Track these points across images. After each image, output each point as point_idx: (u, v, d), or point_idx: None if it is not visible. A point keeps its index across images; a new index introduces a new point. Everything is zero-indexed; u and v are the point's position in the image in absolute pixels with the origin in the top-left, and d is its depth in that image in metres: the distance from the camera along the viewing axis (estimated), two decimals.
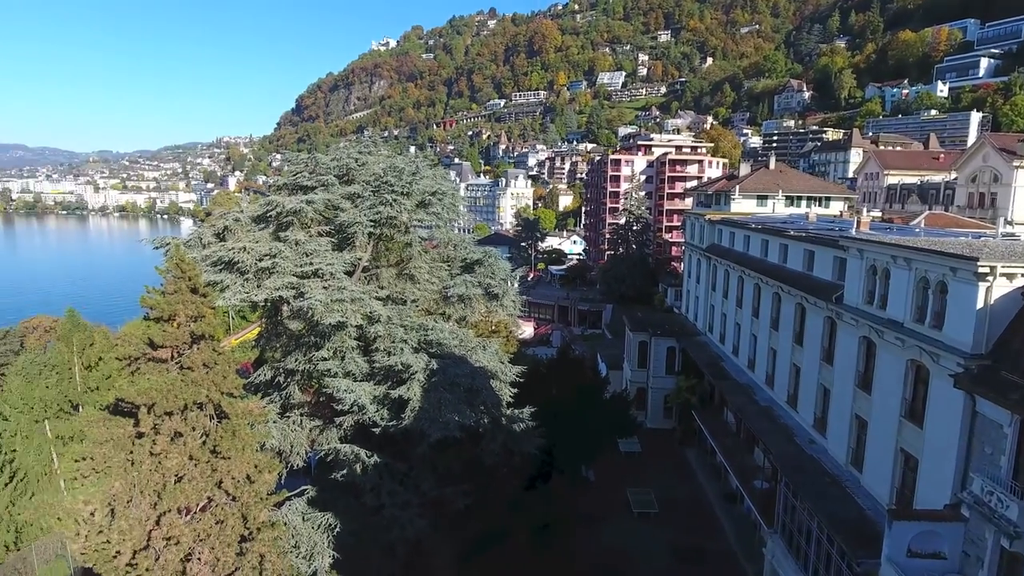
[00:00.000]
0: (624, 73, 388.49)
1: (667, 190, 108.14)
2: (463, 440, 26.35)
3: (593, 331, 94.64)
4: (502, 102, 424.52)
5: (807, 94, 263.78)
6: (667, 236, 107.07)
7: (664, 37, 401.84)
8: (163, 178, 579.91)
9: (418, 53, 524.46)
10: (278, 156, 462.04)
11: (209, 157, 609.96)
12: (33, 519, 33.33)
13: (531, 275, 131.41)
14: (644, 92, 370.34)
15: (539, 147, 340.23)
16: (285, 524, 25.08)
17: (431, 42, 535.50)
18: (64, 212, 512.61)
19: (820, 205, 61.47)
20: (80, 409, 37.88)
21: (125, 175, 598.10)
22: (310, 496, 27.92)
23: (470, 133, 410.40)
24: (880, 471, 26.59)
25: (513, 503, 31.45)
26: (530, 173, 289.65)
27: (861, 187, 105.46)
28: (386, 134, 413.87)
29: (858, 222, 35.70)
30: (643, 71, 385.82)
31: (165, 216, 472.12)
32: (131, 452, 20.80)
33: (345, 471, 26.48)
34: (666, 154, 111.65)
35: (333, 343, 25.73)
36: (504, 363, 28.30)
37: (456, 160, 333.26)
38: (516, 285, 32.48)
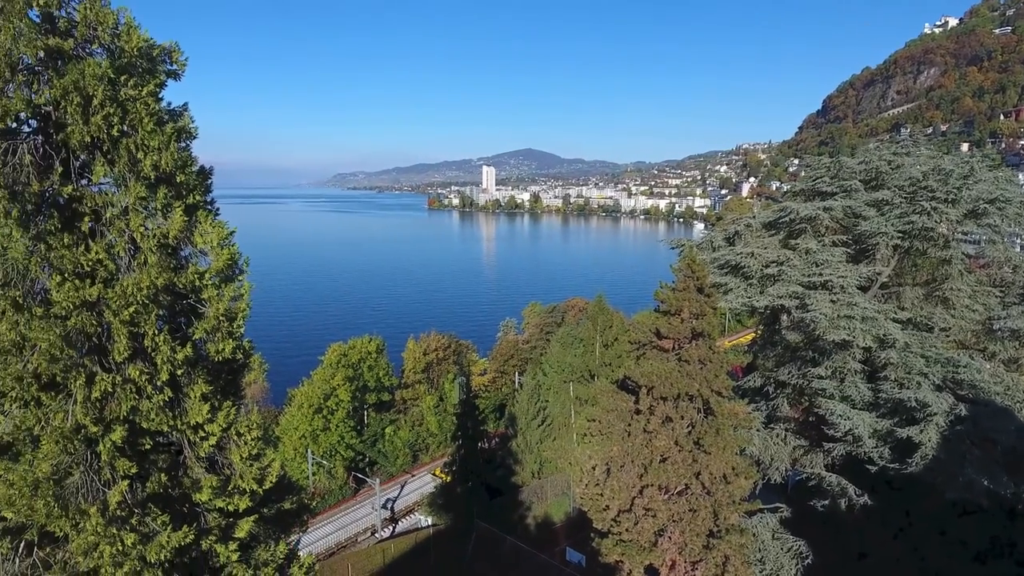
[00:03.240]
0: None
1: None
2: (990, 511, 20.89)
3: None
4: None
5: None
6: None
7: None
8: (683, 185, 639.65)
9: (988, 29, 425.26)
10: (795, 161, 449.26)
11: (727, 164, 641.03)
12: (552, 458, 41.97)
13: None
14: None
15: None
16: (754, 535, 24.53)
17: (1010, 12, 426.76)
18: (604, 214, 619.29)
19: None
20: (595, 379, 45.35)
21: (653, 183, 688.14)
22: (783, 516, 26.57)
23: None
24: None
25: None
26: None
27: None
28: (930, 131, 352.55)
29: None
30: None
31: (680, 219, 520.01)
32: (629, 425, 23.52)
33: (827, 502, 24.22)
34: None
35: (833, 362, 23.69)
36: None
37: None
38: None
